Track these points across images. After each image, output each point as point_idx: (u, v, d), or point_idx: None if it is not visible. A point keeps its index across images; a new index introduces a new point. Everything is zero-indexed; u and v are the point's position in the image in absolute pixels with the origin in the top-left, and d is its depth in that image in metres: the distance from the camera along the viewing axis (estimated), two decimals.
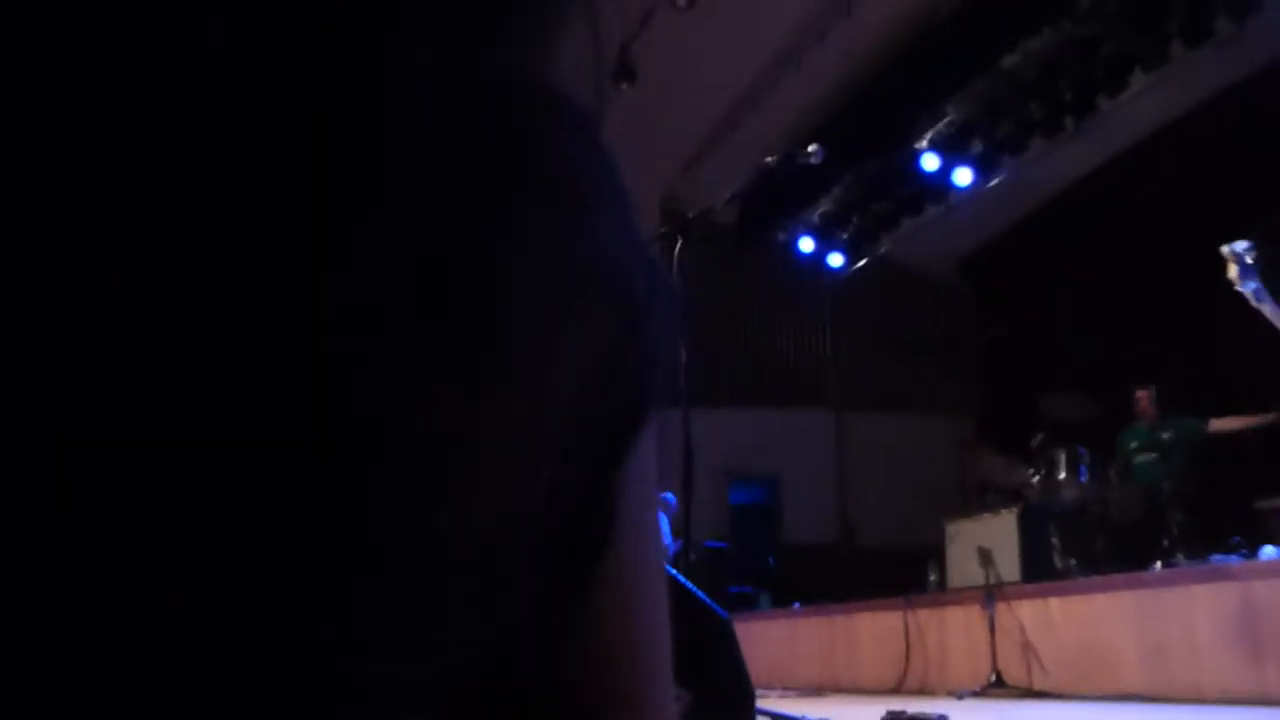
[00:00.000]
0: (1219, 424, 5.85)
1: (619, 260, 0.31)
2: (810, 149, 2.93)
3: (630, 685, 0.35)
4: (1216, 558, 4.62)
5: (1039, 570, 5.15)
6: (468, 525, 0.28)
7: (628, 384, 0.31)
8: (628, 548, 0.33)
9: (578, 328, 0.29)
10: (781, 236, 9.19)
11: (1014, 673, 4.68)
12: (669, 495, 6.22)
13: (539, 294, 0.28)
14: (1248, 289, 2.99)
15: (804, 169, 3.17)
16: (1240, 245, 3.02)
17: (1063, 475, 5.86)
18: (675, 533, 4.90)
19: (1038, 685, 4.56)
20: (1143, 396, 6.16)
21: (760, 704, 2.83)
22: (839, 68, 7.45)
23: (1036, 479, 5.94)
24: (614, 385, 0.31)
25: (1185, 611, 4.05)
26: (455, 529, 0.28)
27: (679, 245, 2.89)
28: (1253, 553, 4.44)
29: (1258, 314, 3.04)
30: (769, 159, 3.04)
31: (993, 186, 7.79)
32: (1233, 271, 3.02)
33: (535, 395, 0.28)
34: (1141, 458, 6.06)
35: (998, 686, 4.60)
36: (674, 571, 1.85)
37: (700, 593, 1.82)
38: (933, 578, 6.21)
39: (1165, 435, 5.98)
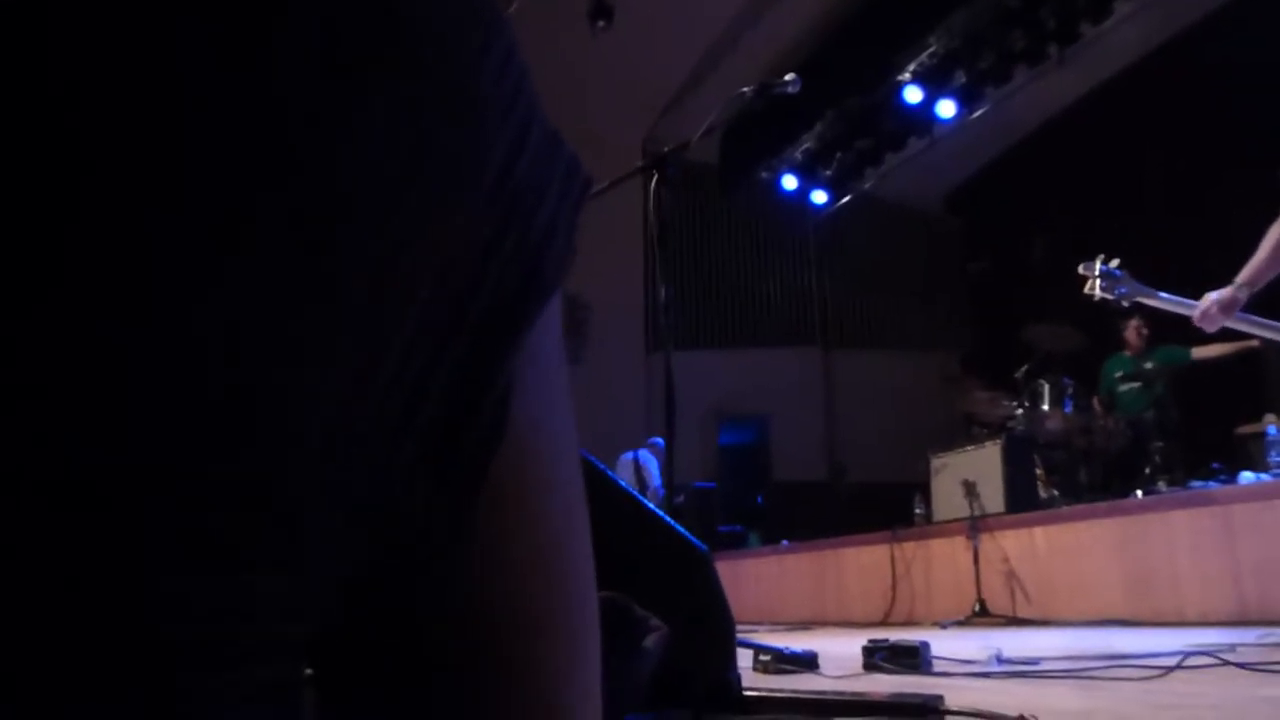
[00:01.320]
0: (1201, 351, 5.87)
1: (488, 148, 0.27)
2: (787, 78, 2.87)
3: (538, 607, 0.32)
4: (1196, 484, 4.67)
5: (1023, 501, 5.21)
6: (304, 423, 0.25)
7: (515, 265, 0.28)
8: (527, 450, 0.30)
9: (438, 213, 0.26)
10: (765, 175, 9.12)
11: (998, 602, 4.76)
12: (659, 440, 6.25)
13: (384, 197, 0.25)
14: (1120, 293, 3.04)
15: (784, 102, 3.11)
16: (1101, 265, 3.09)
17: (1047, 407, 5.89)
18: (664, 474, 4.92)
19: (1021, 613, 4.64)
20: (1131, 326, 6.18)
21: (748, 638, 2.86)
22: (820, 1, 7.33)
23: (1021, 411, 5.98)
24: (495, 267, 0.27)
25: (1166, 537, 4.11)
26: (286, 431, 0.24)
27: (655, 181, 2.85)
28: (1232, 478, 4.49)
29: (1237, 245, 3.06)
30: (745, 90, 2.98)
31: (976, 119, 7.71)
32: (1095, 286, 3.08)
33: (373, 288, 0.25)
34: (1125, 387, 6.10)
35: (982, 615, 4.67)
36: (651, 505, 1.85)
37: (678, 526, 1.82)
38: (919, 511, 6.27)
39: (1149, 365, 6.01)
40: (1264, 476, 4.22)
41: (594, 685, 0.34)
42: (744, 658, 2.35)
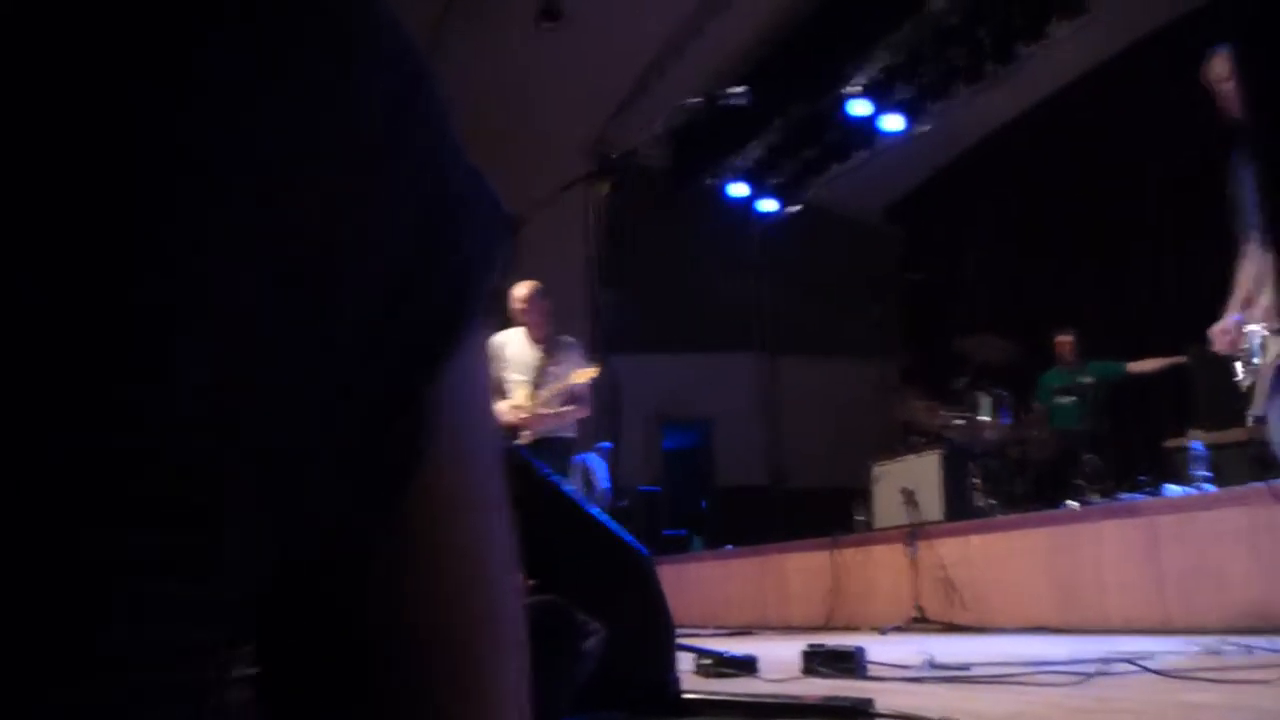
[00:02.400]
0: (1136, 366, 6.06)
1: (414, 179, 0.29)
2: (736, 90, 2.91)
3: (456, 619, 0.33)
4: (1124, 495, 4.82)
5: (960, 509, 5.32)
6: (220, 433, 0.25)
7: (439, 295, 0.30)
8: (446, 466, 0.31)
9: (361, 255, 0.27)
10: (712, 182, 9.18)
11: (935, 608, 4.85)
12: (607, 444, 6.24)
13: (315, 227, 0.26)
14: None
15: (732, 111, 3.15)
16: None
17: (984, 417, 6.02)
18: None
19: (957, 619, 4.74)
20: (1064, 341, 6.35)
21: (689, 641, 2.89)
22: (768, 11, 7.41)
23: (959, 421, 6.10)
24: (419, 296, 0.29)
25: (1094, 546, 4.23)
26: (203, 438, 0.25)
27: (603, 186, 2.87)
28: (1156, 490, 4.64)
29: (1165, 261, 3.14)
30: (694, 100, 3.01)
31: (918, 133, 7.86)
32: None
33: (311, 321, 0.26)
34: (1060, 400, 6.26)
35: (919, 621, 4.76)
36: (593, 509, 1.86)
37: (621, 530, 1.84)
38: (859, 518, 6.36)
39: (1084, 379, 6.17)
40: (1187, 490, 4.36)
41: (518, 695, 0.35)
42: (685, 661, 2.37)
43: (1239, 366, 2.99)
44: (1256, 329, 2.90)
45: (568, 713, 1.31)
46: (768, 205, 9.45)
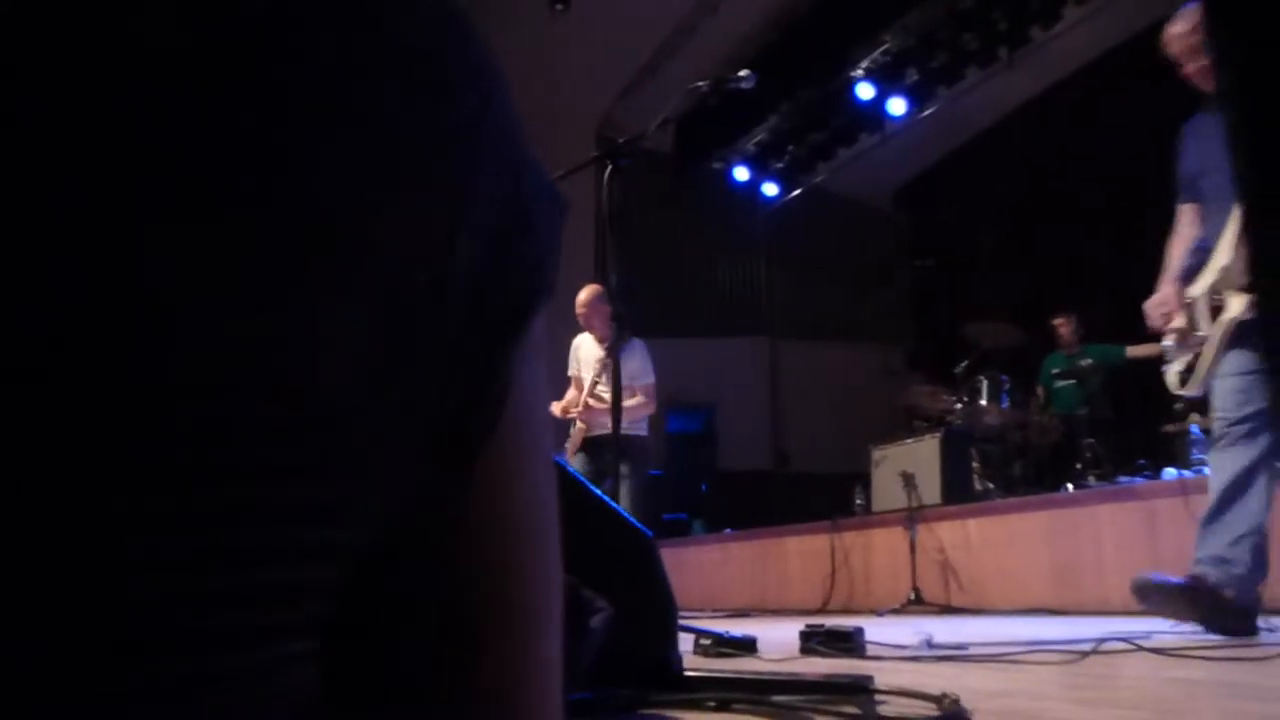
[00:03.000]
0: (1135, 350, 6.07)
1: (500, 172, 0.32)
2: (742, 74, 2.91)
3: (513, 585, 0.36)
4: (1123, 479, 4.85)
5: (959, 493, 5.35)
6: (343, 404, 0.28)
7: (519, 277, 0.33)
8: (520, 422, 0.35)
9: (458, 227, 0.31)
10: (717, 166, 9.17)
11: (933, 591, 4.89)
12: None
13: (412, 197, 0.29)
14: None
15: (738, 95, 3.15)
16: None
17: (985, 402, 6.05)
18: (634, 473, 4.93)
19: (955, 602, 4.78)
20: (1062, 324, 6.36)
21: (689, 623, 2.92)
22: None
23: (960, 405, 6.12)
24: (505, 279, 0.32)
25: (1093, 530, 4.27)
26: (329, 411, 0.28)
27: (609, 171, 2.88)
28: (1156, 474, 4.67)
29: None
30: (700, 84, 3.02)
31: (926, 117, 7.84)
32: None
33: (417, 297, 0.30)
34: (1061, 384, 6.28)
35: (917, 604, 4.81)
36: (598, 491, 1.89)
37: (625, 513, 1.86)
38: (859, 501, 6.40)
39: (1084, 362, 6.18)
40: (1186, 473, 4.40)
41: (557, 655, 0.38)
42: (686, 642, 2.41)
43: (1168, 348, 3.00)
44: (1200, 295, 2.88)
45: (576, 689, 1.34)
46: (773, 189, 9.43)
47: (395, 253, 0.29)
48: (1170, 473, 4.50)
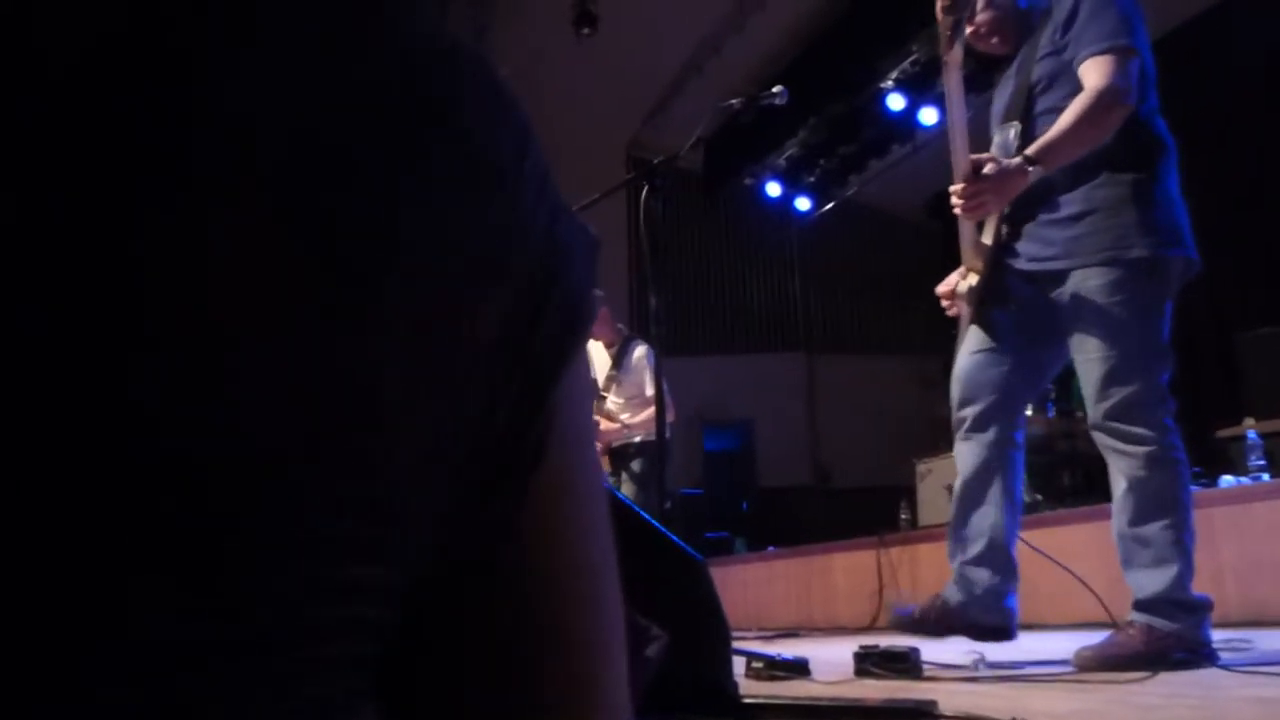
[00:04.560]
0: None
1: (535, 217, 0.33)
2: (774, 90, 2.90)
3: (573, 619, 0.35)
4: None
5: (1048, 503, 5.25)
6: (399, 460, 0.29)
7: (557, 319, 0.34)
8: (564, 464, 0.35)
9: (496, 278, 0.32)
10: (749, 182, 9.16)
11: None
12: None
13: (451, 254, 0.30)
14: None
15: (769, 111, 3.15)
16: None
17: (1030, 412, 5.94)
18: (645, 479, 4.92)
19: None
20: None
21: (738, 645, 2.88)
22: (803, 8, 7.38)
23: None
24: (544, 321, 0.33)
25: None
26: (385, 466, 0.29)
27: (645, 192, 2.87)
28: (1213, 481, 4.55)
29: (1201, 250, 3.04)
30: (733, 101, 3.01)
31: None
32: None
33: (453, 337, 0.30)
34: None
35: None
36: (647, 516, 1.87)
37: (674, 536, 1.84)
38: (905, 516, 6.31)
39: None
40: (1243, 480, 4.28)
41: (624, 694, 0.37)
42: (737, 665, 2.37)
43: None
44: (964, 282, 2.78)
45: (633, 717, 1.32)
46: (805, 204, 9.40)
47: (436, 295, 0.30)
48: (1228, 480, 4.39)
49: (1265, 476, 4.28)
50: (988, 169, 2.44)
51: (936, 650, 2.97)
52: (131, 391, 0.24)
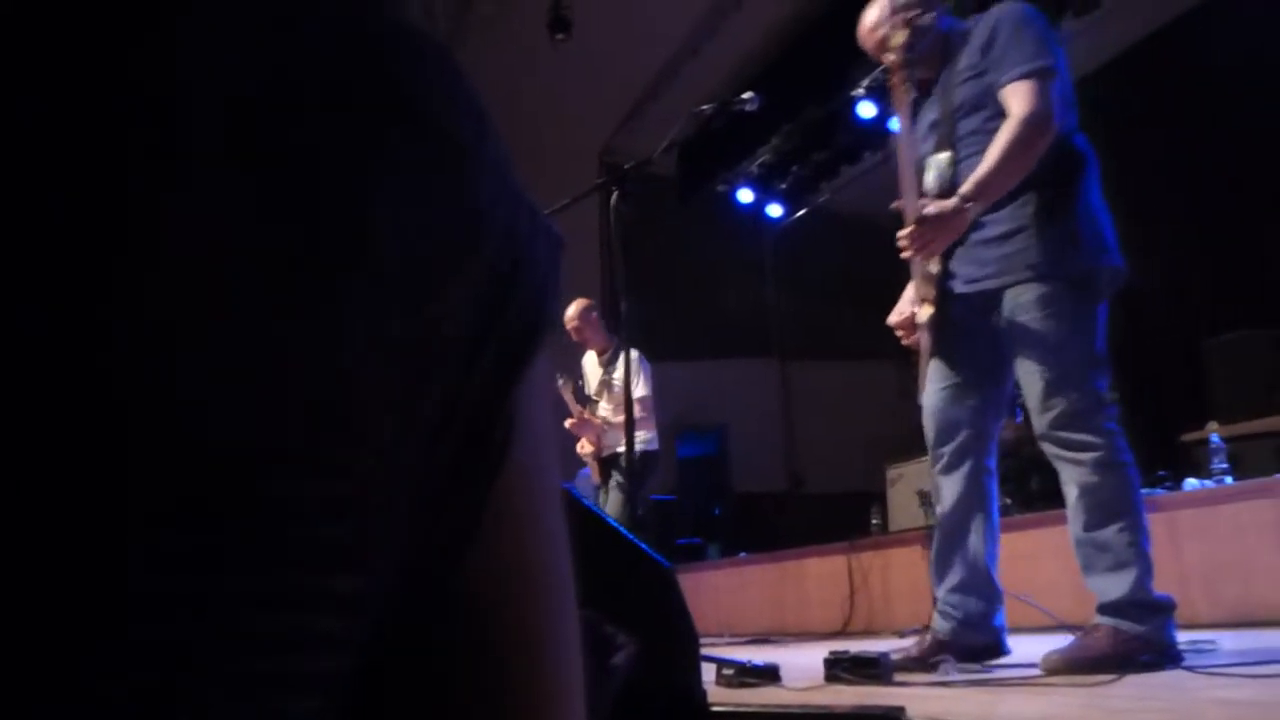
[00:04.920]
0: None
1: (497, 206, 0.33)
2: (746, 96, 2.91)
3: (531, 621, 0.35)
4: (1143, 491, 4.77)
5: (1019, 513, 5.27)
6: (348, 458, 0.28)
7: (519, 314, 0.33)
8: (526, 462, 0.34)
9: (458, 267, 0.31)
10: (721, 188, 9.18)
11: None
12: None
13: (416, 243, 0.29)
14: None
15: (741, 118, 3.15)
16: None
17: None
18: (621, 486, 4.92)
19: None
20: None
21: (708, 651, 2.87)
22: (776, 15, 7.41)
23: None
24: (505, 315, 0.32)
25: None
26: (334, 464, 0.28)
27: (615, 197, 2.86)
28: (1177, 485, 4.60)
29: (1181, 256, 3.08)
30: (705, 107, 3.01)
31: None
32: None
33: (415, 329, 0.30)
34: None
35: None
36: (614, 522, 1.85)
37: (641, 543, 1.83)
38: (876, 521, 6.33)
39: None
40: (1207, 483, 4.33)
41: (579, 696, 0.37)
42: (707, 672, 2.36)
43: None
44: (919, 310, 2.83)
45: None
46: (778, 210, 9.44)
47: (399, 286, 0.29)
48: (1192, 483, 4.44)
49: (1229, 479, 4.34)
50: (928, 212, 2.49)
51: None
52: (116, 391, 0.23)
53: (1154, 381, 6.38)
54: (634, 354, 4.87)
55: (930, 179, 2.72)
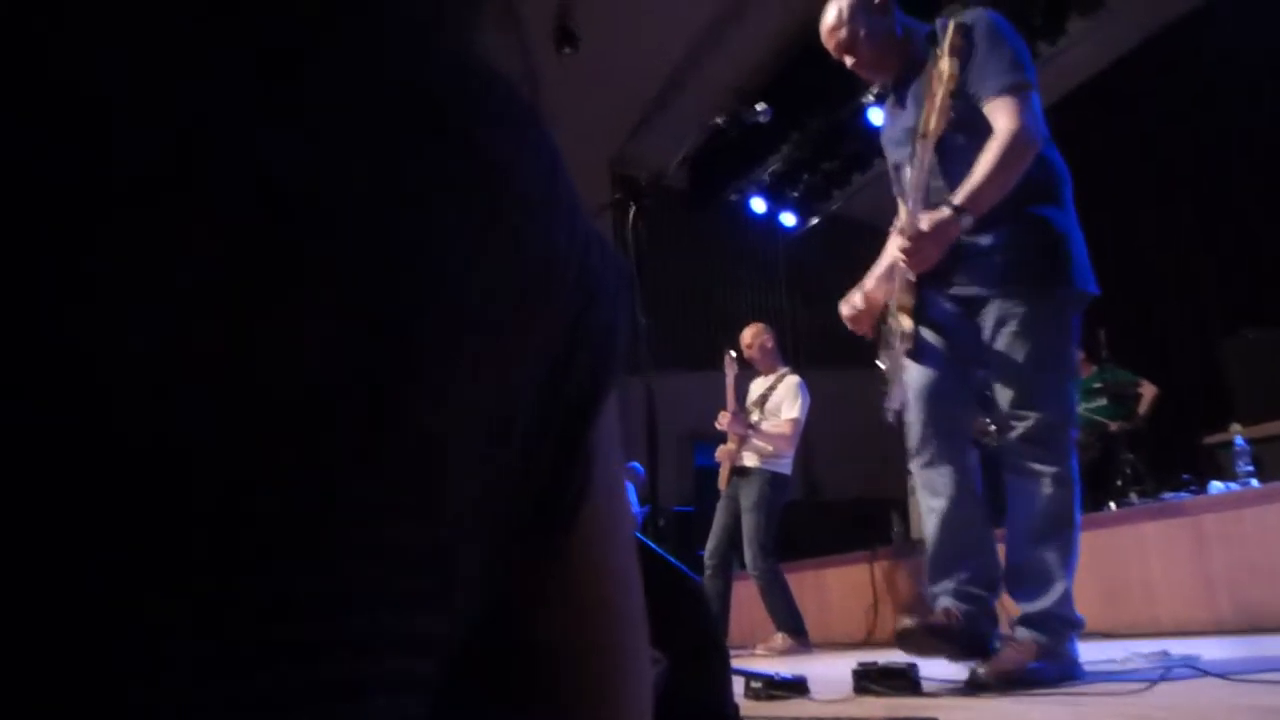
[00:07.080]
0: (1146, 392, 6.03)
1: (569, 249, 0.32)
2: (759, 107, 2.91)
3: (607, 636, 0.36)
4: (1167, 495, 4.75)
5: (998, 516, 5.24)
6: (445, 510, 0.29)
7: (591, 355, 0.33)
8: (602, 502, 0.35)
9: (535, 316, 0.31)
10: (733, 198, 9.19)
11: None
12: (635, 464, 6.25)
13: (492, 294, 0.29)
14: None
15: (753, 128, 3.16)
16: None
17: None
18: (643, 499, 4.95)
19: (1002, 629, 4.66)
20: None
21: (735, 664, 2.86)
22: (782, 22, 7.43)
23: (993, 426, 6.03)
24: (578, 358, 0.32)
25: (1139, 548, 4.17)
26: (431, 519, 0.28)
27: (633, 212, 2.87)
28: (1202, 488, 4.57)
29: (1191, 259, 3.08)
30: (718, 119, 3.02)
31: None
32: None
33: (500, 380, 0.30)
34: (1092, 402, 6.20)
35: None
36: (644, 538, 1.86)
37: (671, 557, 1.83)
38: (897, 529, 6.30)
39: (1096, 384, 6.12)
40: (1233, 486, 4.30)
41: (649, 709, 0.39)
42: (736, 684, 2.36)
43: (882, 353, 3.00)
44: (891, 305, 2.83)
45: None
46: (790, 219, 9.44)
47: (478, 340, 0.29)
48: (1217, 486, 4.40)
49: (1254, 482, 4.30)
50: (924, 225, 2.50)
51: (932, 665, 2.96)
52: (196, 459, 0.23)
53: (1173, 383, 6.33)
54: (794, 379, 4.96)
55: (912, 189, 2.73)
